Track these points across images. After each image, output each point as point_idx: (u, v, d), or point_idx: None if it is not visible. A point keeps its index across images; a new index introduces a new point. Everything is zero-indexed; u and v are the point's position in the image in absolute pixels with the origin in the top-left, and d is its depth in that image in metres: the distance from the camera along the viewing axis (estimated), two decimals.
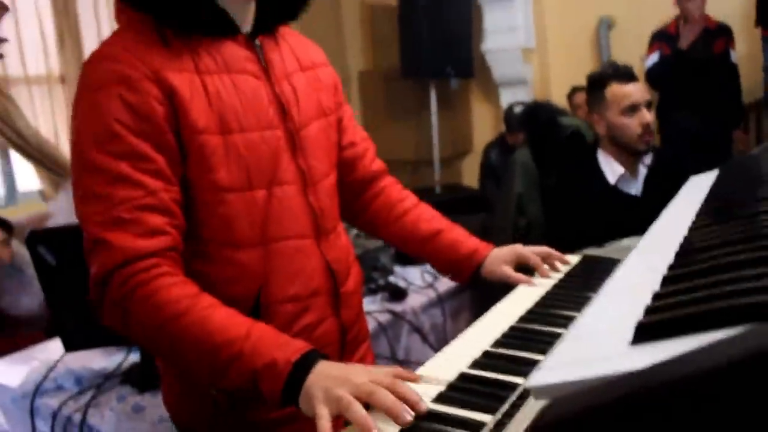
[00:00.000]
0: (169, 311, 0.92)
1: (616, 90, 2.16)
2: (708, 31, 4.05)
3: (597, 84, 2.22)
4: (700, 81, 4.02)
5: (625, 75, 2.19)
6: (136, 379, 1.85)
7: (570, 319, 1.07)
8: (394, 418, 0.78)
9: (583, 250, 1.51)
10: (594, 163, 2.23)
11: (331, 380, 0.83)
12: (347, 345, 1.21)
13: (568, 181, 2.29)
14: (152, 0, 1.01)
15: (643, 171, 2.24)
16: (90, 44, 3.53)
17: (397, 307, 2.30)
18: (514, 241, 2.38)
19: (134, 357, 1.93)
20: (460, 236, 1.33)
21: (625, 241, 1.48)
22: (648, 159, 2.25)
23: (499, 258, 1.30)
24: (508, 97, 4.87)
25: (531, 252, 1.31)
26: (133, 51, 0.99)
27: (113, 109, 0.96)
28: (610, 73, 2.19)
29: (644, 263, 0.82)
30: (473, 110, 5.23)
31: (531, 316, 1.13)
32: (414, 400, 0.80)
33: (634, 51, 4.55)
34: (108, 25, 3.57)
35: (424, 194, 5.15)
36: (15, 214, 3.33)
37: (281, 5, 1.15)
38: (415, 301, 2.37)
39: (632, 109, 2.12)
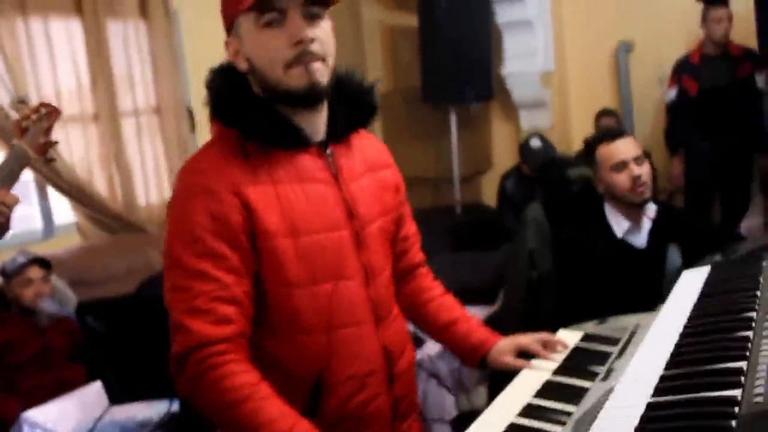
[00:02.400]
0: (232, 397, 1.09)
1: (603, 150, 2.28)
2: (731, 57, 4.11)
3: (589, 149, 2.35)
4: (722, 107, 4.07)
5: (610, 135, 2.32)
6: (175, 428, 1.98)
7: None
8: None
9: (584, 324, 1.62)
10: (602, 218, 2.31)
11: None
12: (398, 416, 1.35)
13: (578, 235, 2.38)
14: (237, 118, 1.19)
15: (647, 224, 2.32)
16: (120, 82, 3.66)
17: (417, 355, 2.42)
18: (528, 293, 2.48)
19: (175, 407, 2.05)
20: (471, 327, 1.48)
21: (622, 319, 1.58)
22: (652, 212, 2.33)
23: (501, 350, 1.44)
24: (527, 119, 4.95)
25: (531, 340, 1.44)
26: (219, 166, 1.17)
27: (198, 216, 1.14)
28: (598, 137, 2.35)
29: (639, 370, 1.01)
30: (493, 131, 5.30)
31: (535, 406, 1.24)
32: None
33: (653, 73, 4.60)
34: (138, 65, 3.71)
35: (445, 214, 5.14)
36: (53, 248, 3.48)
37: (351, 116, 1.29)
38: (431, 349, 2.51)
39: (620, 165, 2.22)
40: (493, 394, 1.42)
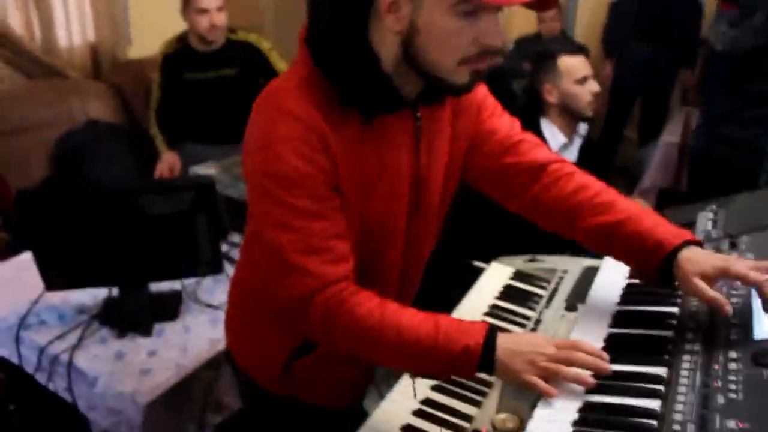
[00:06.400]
0: (368, 323, 1.08)
1: (568, 61, 2.31)
2: None
3: (548, 56, 2.34)
4: (661, 16, 4.10)
5: (575, 47, 2.37)
6: (115, 319, 2.00)
7: None
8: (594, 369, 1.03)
9: (514, 259, 1.72)
10: (538, 132, 2.36)
11: (526, 354, 1.04)
12: None
13: None
14: (338, 73, 1.07)
15: (578, 140, 2.42)
16: None
17: None
18: (460, 204, 2.53)
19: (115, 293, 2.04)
20: (658, 221, 1.20)
21: (549, 261, 1.69)
22: (583, 129, 2.42)
23: (700, 264, 1.11)
24: None
25: (747, 268, 1.08)
26: (311, 113, 1.07)
27: (299, 160, 1.07)
28: (560, 46, 2.38)
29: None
30: None
31: None
32: (603, 357, 1.05)
33: None
34: None
35: None
36: None
37: None
38: None
39: (584, 80, 2.29)
40: None
